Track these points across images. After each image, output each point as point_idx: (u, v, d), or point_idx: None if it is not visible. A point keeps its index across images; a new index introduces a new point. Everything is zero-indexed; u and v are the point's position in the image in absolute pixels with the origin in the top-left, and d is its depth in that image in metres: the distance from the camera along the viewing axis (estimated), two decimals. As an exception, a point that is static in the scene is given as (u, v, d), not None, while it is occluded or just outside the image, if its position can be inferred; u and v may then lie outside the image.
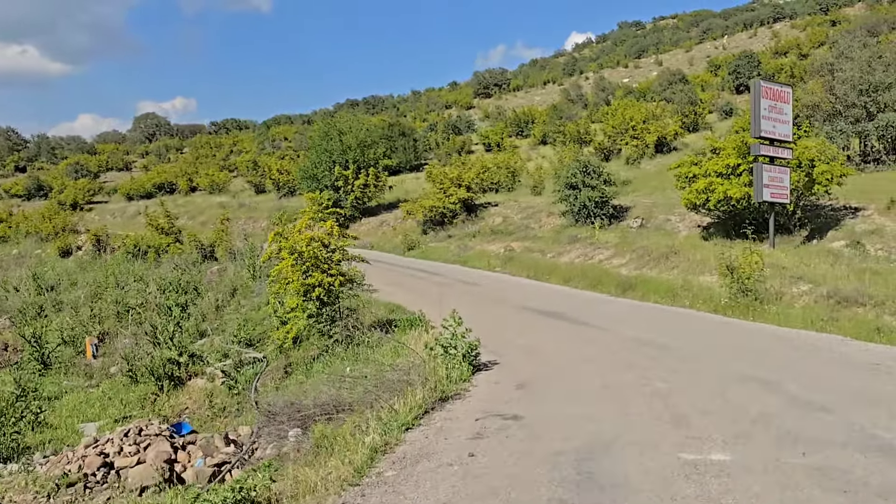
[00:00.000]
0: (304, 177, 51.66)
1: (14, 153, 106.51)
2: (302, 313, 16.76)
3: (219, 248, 40.20)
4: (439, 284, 24.92)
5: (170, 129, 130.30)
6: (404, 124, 76.12)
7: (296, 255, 16.58)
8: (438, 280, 26.34)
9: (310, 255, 16.52)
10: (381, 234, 44.46)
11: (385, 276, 28.04)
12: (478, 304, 20.22)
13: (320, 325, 16.82)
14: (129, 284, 28.01)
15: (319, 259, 16.68)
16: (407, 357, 13.10)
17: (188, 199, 73.01)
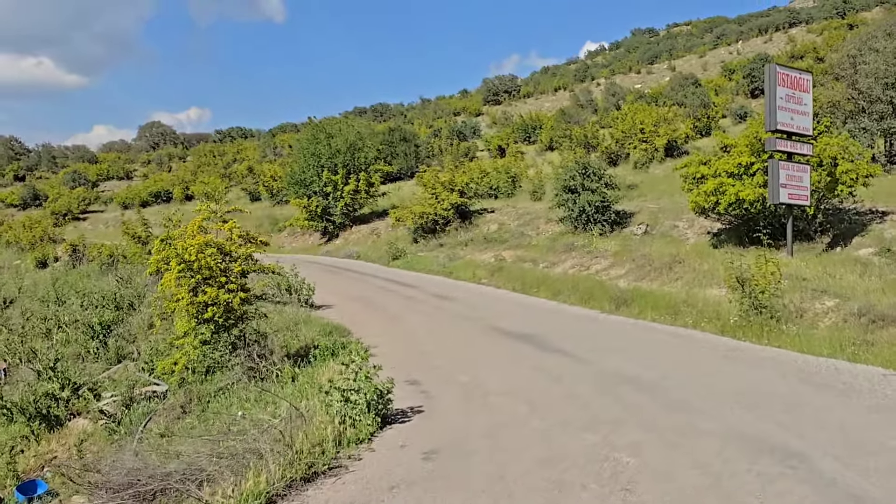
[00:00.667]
0: (291, 183, 48.80)
1: (14, 162, 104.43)
2: (194, 339, 13.33)
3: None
4: (408, 299, 22.19)
5: (175, 137, 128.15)
6: (406, 129, 73.26)
7: (183, 265, 13.02)
8: (410, 294, 23.55)
9: (202, 265, 12.99)
10: (371, 244, 41.56)
11: (351, 288, 25.47)
12: (441, 322, 17.59)
13: (217, 355, 13.41)
14: (71, 299, 25.10)
15: (214, 271, 13.25)
16: (297, 403, 9.85)
17: (180, 207, 70.29)
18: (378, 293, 24.08)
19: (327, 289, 25.40)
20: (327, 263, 37.31)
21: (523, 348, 14.53)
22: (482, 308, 19.92)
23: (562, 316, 18.26)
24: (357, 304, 20.96)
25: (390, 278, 28.90)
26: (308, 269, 34.84)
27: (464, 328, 17.06)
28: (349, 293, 23.76)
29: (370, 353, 13.26)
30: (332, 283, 28.05)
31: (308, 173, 46.47)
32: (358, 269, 33.76)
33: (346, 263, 37.23)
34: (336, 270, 33.32)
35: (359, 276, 30.38)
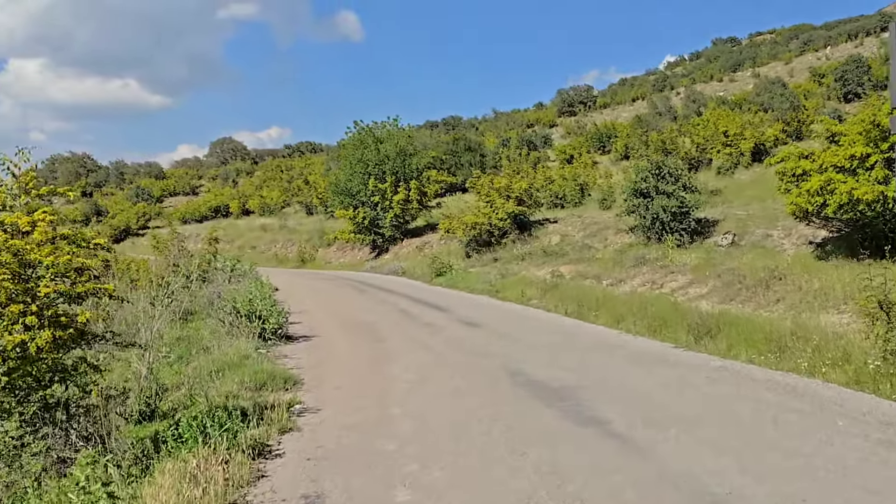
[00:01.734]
0: (336, 192, 44.65)
1: (81, 178, 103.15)
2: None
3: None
4: (426, 327, 17.75)
5: (246, 153, 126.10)
6: (470, 138, 68.83)
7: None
8: (432, 319, 19.02)
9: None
10: (420, 259, 37.04)
11: (364, 311, 21.44)
12: (445, 366, 12.83)
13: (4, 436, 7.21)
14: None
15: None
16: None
17: (231, 222, 67.54)
18: (392, 318, 19.58)
19: (333, 312, 21.68)
20: (362, 280, 33.06)
21: (542, 416, 9.33)
22: (513, 341, 14.99)
23: (619, 354, 13.24)
24: (349, 336, 16.49)
25: (421, 298, 24.40)
26: (334, 287, 30.93)
27: (472, 376, 11.92)
28: (355, 318, 19.41)
29: (291, 430, 8.90)
30: (347, 304, 24.09)
31: (354, 181, 42.31)
32: (393, 286, 29.34)
33: (383, 281, 32.91)
34: (364, 289, 29.07)
35: (387, 295, 25.97)
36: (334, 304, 24.01)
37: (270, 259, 52.42)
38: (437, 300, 23.56)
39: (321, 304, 24.45)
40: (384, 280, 33.16)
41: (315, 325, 18.58)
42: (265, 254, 54.22)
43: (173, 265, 29.16)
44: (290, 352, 13.97)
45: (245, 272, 29.23)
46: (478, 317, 19.05)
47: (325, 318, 20.04)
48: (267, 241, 56.62)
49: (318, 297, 26.88)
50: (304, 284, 32.61)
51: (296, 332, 16.92)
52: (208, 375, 9.99)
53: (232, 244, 59.45)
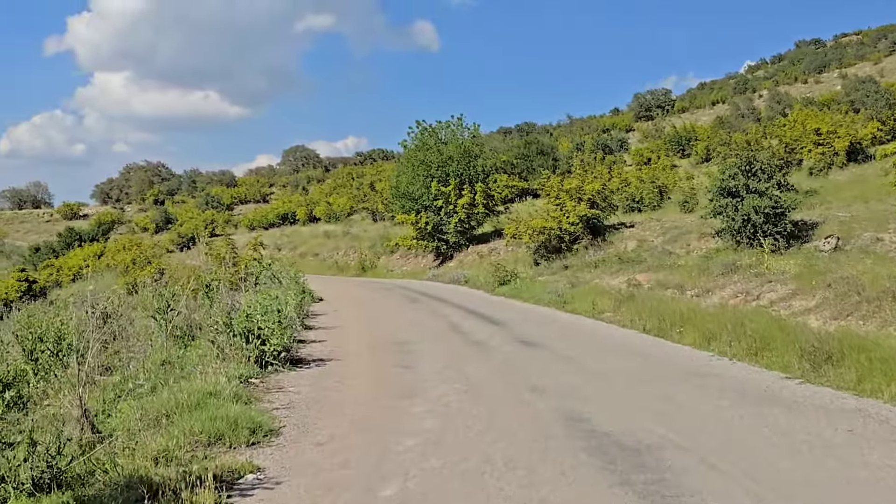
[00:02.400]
0: (396, 196, 42.08)
1: (154, 186, 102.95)
2: None
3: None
4: (474, 346, 14.98)
5: (318, 161, 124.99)
6: (543, 142, 65.89)
7: None
8: (484, 336, 16.12)
9: None
10: (485, 266, 34.19)
11: (405, 327, 18.87)
12: (479, 410, 9.40)
13: None
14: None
15: None
16: None
17: (296, 229, 65.77)
18: (436, 335, 16.68)
19: (370, 328, 19.05)
20: (419, 290, 30.36)
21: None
22: (577, 368, 12.09)
23: (715, 387, 10.08)
24: (376, 360, 13.53)
25: (478, 310, 21.58)
26: (384, 298, 28.27)
27: (516, 427, 8.61)
28: (392, 335, 16.50)
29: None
30: (391, 317, 21.36)
31: (416, 185, 39.66)
32: (450, 296, 26.59)
33: (441, 290, 30.20)
34: (418, 299, 26.43)
35: (441, 306, 23.21)
36: (377, 317, 21.41)
37: (331, 267, 50.17)
38: (495, 312, 20.71)
39: (362, 317, 21.85)
40: (443, 289, 30.45)
41: (341, 343, 15.87)
42: (326, 261, 52.00)
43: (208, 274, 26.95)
44: (291, 382, 11.12)
45: (289, 280, 26.82)
46: (538, 334, 16.16)
47: (358, 334, 17.44)
48: (329, 248, 54.41)
49: (362, 309, 24.33)
50: (353, 295, 30.22)
51: (310, 354, 14.14)
52: (152, 422, 7.39)
53: (294, 251, 57.49)
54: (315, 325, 18.83)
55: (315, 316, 21.24)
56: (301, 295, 24.80)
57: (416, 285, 33.46)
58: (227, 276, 23.02)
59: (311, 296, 26.01)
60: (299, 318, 17.99)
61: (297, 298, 20.29)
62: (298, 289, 25.75)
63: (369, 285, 35.05)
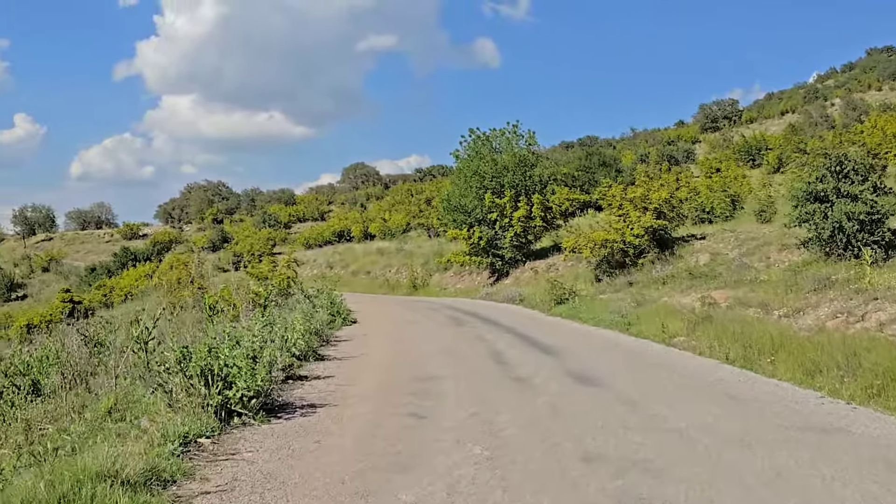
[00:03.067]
0: (448, 209, 39.41)
1: (213, 205, 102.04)
2: None
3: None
4: (516, 383, 11.99)
5: (377, 178, 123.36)
6: (605, 153, 62.87)
7: None
8: (527, 370, 13.12)
9: None
10: (542, 284, 31.37)
11: (440, 353, 16.18)
12: (499, 496, 6.47)
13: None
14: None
15: None
16: None
17: (349, 246, 63.68)
18: (473, 367, 13.81)
19: (397, 359, 16.03)
20: (468, 310, 27.60)
21: None
22: (646, 418, 9.14)
23: (843, 449, 7.10)
24: (385, 405, 10.39)
25: (529, 334, 18.76)
26: (427, 319, 25.65)
27: None
28: (419, 369, 13.54)
29: None
30: (427, 344, 18.32)
31: (468, 197, 37.01)
32: (500, 317, 23.85)
33: (493, 310, 27.46)
34: (465, 321, 23.63)
35: (489, 329, 20.39)
36: (409, 344, 18.57)
37: (381, 285, 47.65)
38: (549, 337, 17.82)
39: (392, 344, 18.99)
40: (494, 309, 27.70)
41: (352, 380, 12.89)
42: (377, 280, 49.50)
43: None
44: (254, 442, 8.26)
45: (322, 300, 24.45)
46: (596, 365, 13.29)
47: (378, 367, 14.56)
48: (381, 265, 51.97)
49: (397, 333, 21.52)
50: (393, 316, 27.55)
51: (303, 397, 11.14)
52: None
53: (346, 269, 55.39)
54: (330, 355, 15.99)
55: (337, 343, 18.51)
56: (332, 317, 22.38)
57: (465, 305, 30.81)
58: (248, 297, 20.75)
59: (345, 318, 23.51)
60: (310, 348, 15.40)
61: (314, 322, 17.82)
62: (332, 309, 23.36)
63: (416, 305, 32.37)
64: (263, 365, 9.30)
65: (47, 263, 77.52)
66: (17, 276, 75.03)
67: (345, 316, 23.55)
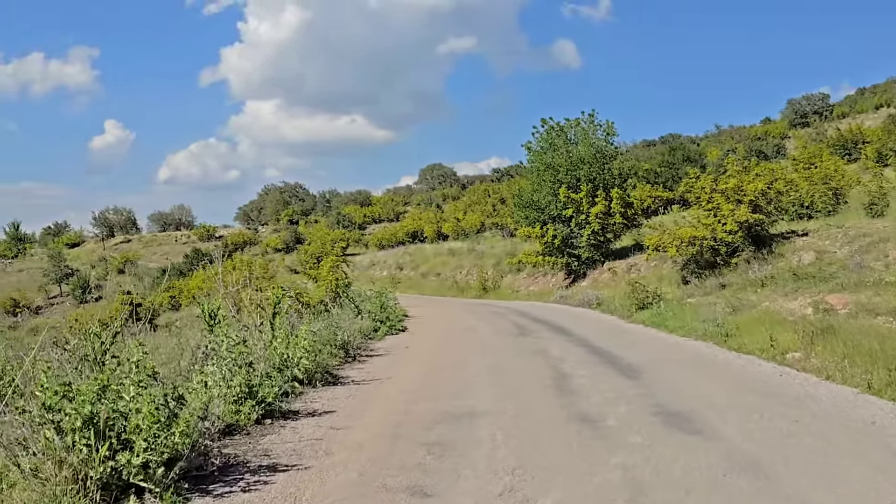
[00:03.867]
0: (519, 205, 36.33)
1: (288, 207, 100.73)
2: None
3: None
4: (580, 425, 8.70)
5: (455, 178, 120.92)
6: (690, 147, 59.09)
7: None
8: (594, 403, 9.80)
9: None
10: (623, 286, 28.15)
11: (489, 372, 13.06)
12: None
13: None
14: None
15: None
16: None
17: (419, 247, 61.13)
18: (522, 399, 10.33)
19: (432, 380, 12.94)
20: (538, 316, 24.54)
21: None
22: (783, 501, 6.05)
23: None
24: (372, 468, 7.16)
25: (605, 347, 15.69)
26: (487, 324, 22.70)
27: None
28: (454, 397, 10.26)
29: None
30: (479, 359, 15.17)
31: (542, 192, 33.92)
32: (573, 325, 20.70)
33: (566, 316, 24.38)
34: (531, 329, 20.51)
35: (556, 341, 17.22)
36: (456, 362, 15.20)
37: (450, 287, 44.79)
38: (630, 352, 14.67)
39: (435, 360, 15.81)
40: (568, 315, 24.62)
41: (355, 420, 9.46)
42: (446, 282, 46.66)
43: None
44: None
45: (371, 304, 21.76)
46: (693, 395, 10.01)
47: (401, 397, 10.97)
48: (452, 266, 49.12)
49: (446, 345, 18.52)
50: (450, 322, 24.55)
51: (267, 452, 7.88)
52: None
53: (416, 270, 52.81)
54: (348, 377, 13.01)
55: (369, 357, 15.48)
56: (378, 324, 19.61)
57: (536, 309, 27.75)
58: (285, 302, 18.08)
59: (392, 326, 20.64)
60: (322, 367, 12.40)
61: (343, 333, 15.00)
62: (381, 315, 20.62)
63: (481, 309, 29.35)
64: (195, 409, 6.28)
65: (122, 265, 76.79)
66: (93, 278, 74.50)
67: (393, 323, 20.74)
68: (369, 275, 59.55)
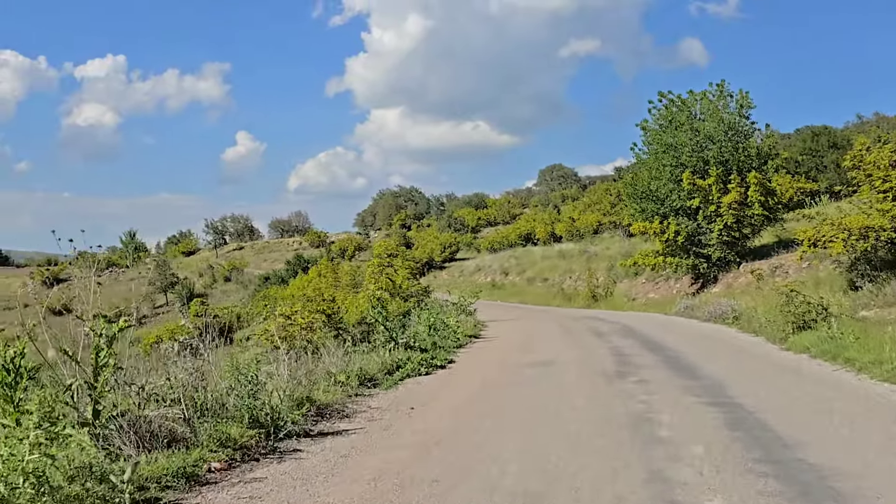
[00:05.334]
0: (633, 196, 29.70)
1: (401, 211, 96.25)
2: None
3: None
4: None
5: (575, 179, 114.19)
6: (836, 132, 51.06)
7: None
8: None
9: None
10: (767, 295, 21.44)
11: (546, 454, 6.13)
12: None
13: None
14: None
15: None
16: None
17: (527, 249, 55.25)
18: None
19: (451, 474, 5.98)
20: (651, 335, 18.12)
21: None
22: None
23: None
24: None
25: (753, 411, 8.68)
26: (582, 354, 15.74)
27: None
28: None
29: None
30: (538, 424, 8.38)
31: (661, 179, 27.43)
32: (699, 356, 13.98)
33: (689, 337, 17.93)
34: (636, 363, 13.55)
35: (671, 390, 10.37)
36: (504, 424, 8.78)
37: (556, 295, 38.41)
38: (802, 423, 7.99)
39: (471, 423, 9.04)
40: (695, 336, 18.15)
41: None
42: (553, 288, 40.27)
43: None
44: None
45: (429, 320, 16.06)
46: None
47: None
48: (561, 271, 42.58)
49: (492, 398, 11.03)
50: (529, 348, 17.81)
51: None
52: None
53: (522, 275, 46.73)
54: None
55: (351, 416, 9.21)
56: (426, 353, 13.79)
57: (651, 325, 21.32)
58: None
59: (432, 358, 14.05)
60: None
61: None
62: (427, 340, 14.86)
63: (579, 325, 22.84)
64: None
65: (229, 273, 73.68)
66: (200, 286, 71.67)
67: (435, 355, 14.31)
68: (472, 280, 53.97)
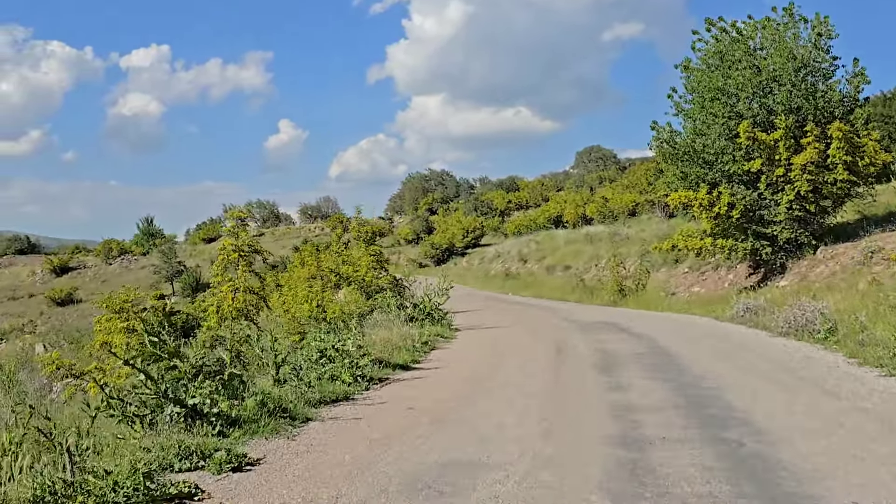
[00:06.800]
0: (671, 155, 22.15)
1: (428, 194, 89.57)
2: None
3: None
4: None
5: (613, 160, 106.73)
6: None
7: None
8: None
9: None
10: (865, 293, 14.36)
11: None
12: None
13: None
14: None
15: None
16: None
17: (550, 233, 47.91)
18: None
19: None
20: (693, 364, 10.99)
21: None
22: None
23: None
24: None
25: None
26: (572, 414, 7.97)
27: None
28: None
29: None
30: None
31: (710, 135, 20.19)
32: (786, 419, 7.20)
33: (758, 369, 10.75)
34: (681, 413, 5.92)
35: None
36: None
37: (574, 288, 30.80)
38: None
39: None
40: (770, 368, 10.94)
41: None
42: (573, 279, 32.74)
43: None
44: None
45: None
46: None
47: None
48: (586, 258, 35.13)
49: None
50: (487, 397, 9.27)
51: None
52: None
53: (541, 263, 39.47)
54: None
55: None
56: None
57: (696, 339, 14.11)
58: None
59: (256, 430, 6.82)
60: None
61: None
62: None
63: (587, 346, 14.73)
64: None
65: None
66: (208, 274, 65.84)
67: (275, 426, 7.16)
68: (486, 269, 47.15)
